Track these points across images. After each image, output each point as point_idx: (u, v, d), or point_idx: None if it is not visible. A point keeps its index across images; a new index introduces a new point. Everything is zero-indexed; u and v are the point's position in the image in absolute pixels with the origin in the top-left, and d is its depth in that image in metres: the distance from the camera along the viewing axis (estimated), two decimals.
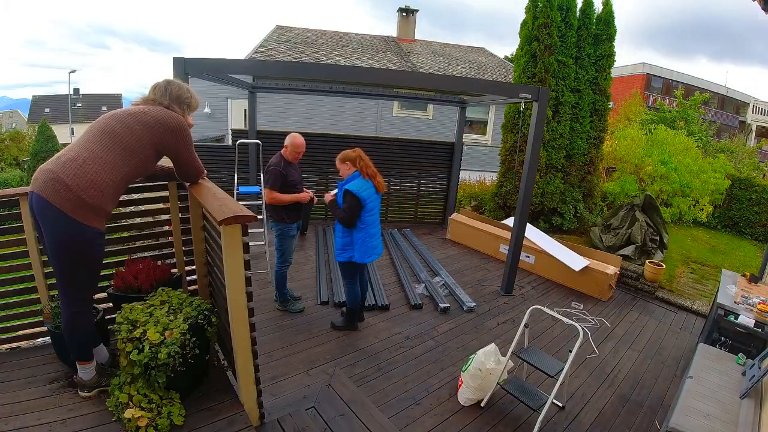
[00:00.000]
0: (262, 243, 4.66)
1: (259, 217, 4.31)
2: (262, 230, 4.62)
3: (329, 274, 4.68)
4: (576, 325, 2.55)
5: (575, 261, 4.91)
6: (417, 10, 15.78)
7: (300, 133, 5.47)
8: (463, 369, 2.82)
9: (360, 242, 3.22)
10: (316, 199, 3.86)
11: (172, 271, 2.79)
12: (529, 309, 2.86)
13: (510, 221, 5.86)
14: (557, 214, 6.85)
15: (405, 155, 7.06)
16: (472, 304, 4.15)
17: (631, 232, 5.94)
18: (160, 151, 2.10)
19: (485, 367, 2.64)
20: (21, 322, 2.56)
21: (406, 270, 4.96)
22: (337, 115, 11.83)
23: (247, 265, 1.93)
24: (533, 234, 5.44)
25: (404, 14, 15.81)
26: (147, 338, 1.94)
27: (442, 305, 4.05)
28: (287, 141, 3.59)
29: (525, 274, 5.25)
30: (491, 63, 14.58)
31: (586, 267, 4.82)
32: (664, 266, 5.14)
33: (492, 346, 2.78)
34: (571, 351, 2.46)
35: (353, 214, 3.12)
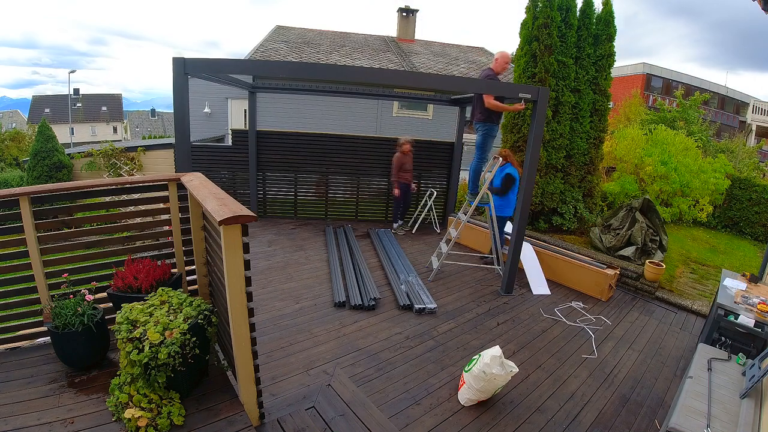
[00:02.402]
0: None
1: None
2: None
3: (343, 272, 4.71)
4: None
5: (538, 285, 4.90)
6: (417, 10, 15.77)
7: (300, 133, 5.47)
8: (466, 369, 2.81)
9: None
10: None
11: (172, 271, 2.79)
12: None
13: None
14: (557, 214, 6.85)
15: None
16: (432, 306, 4.06)
17: (631, 233, 5.94)
18: None
19: (490, 371, 2.63)
20: (21, 322, 2.56)
21: (390, 270, 4.92)
22: (337, 115, 11.84)
23: (247, 265, 1.93)
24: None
25: (404, 14, 15.81)
26: (147, 338, 1.94)
27: (417, 306, 4.02)
28: (497, 55, 4.87)
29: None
30: (491, 63, 14.58)
31: (586, 267, 4.82)
32: (664, 266, 5.13)
33: (497, 349, 2.75)
34: None
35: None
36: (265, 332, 3.40)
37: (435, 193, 6.93)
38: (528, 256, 5.16)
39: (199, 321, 2.16)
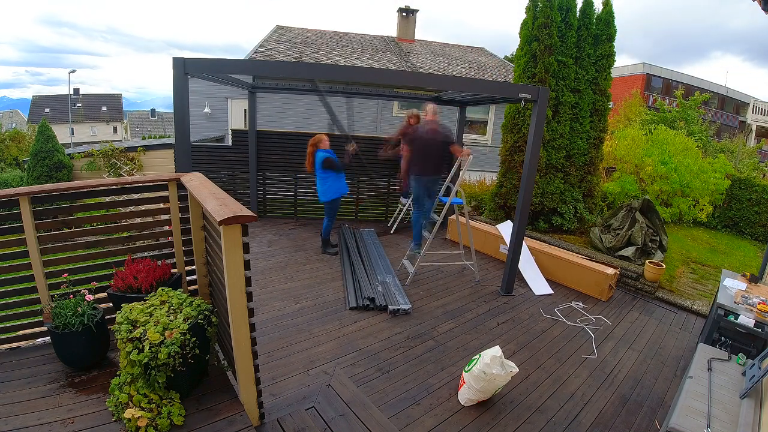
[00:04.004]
0: None
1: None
2: None
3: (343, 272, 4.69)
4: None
5: (539, 285, 4.89)
6: (417, 10, 15.77)
7: (300, 133, 5.41)
8: (467, 369, 2.81)
9: None
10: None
11: (172, 271, 2.79)
12: None
13: (501, 227, 5.85)
14: (557, 214, 6.85)
15: None
16: (407, 307, 4.00)
17: (631, 233, 5.94)
18: None
19: (490, 371, 2.63)
20: (21, 322, 2.56)
21: (369, 270, 4.84)
22: (337, 115, 11.82)
23: (247, 265, 1.93)
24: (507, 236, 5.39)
25: (404, 14, 15.80)
26: (147, 338, 1.94)
27: (391, 307, 3.95)
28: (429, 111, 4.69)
29: None
30: (491, 63, 14.58)
31: (586, 267, 4.82)
32: (665, 266, 5.13)
33: (497, 349, 2.76)
34: None
35: None
36: (265, 332, 3.40)
37: None
38: (522, 256, 5.16)
39: (199, 321, 2.16)
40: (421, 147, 4.64)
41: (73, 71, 30.38)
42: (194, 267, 2.81)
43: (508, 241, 5.22)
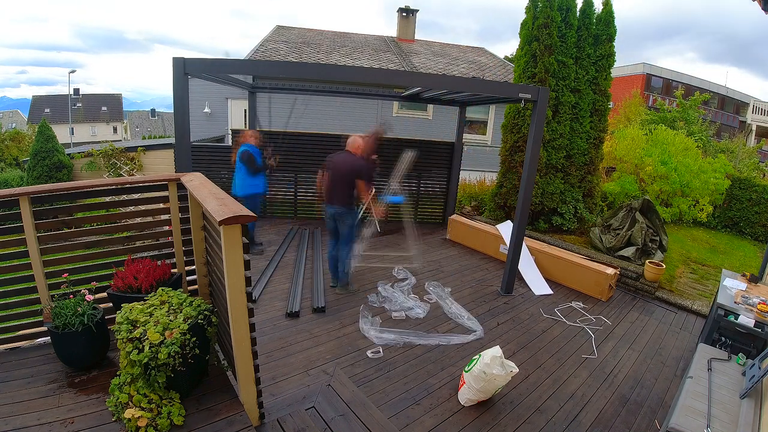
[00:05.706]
0: None
1: None
2: None
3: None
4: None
5: (539, 285, 4.89)
6: (417, 10, 15.77)
7: (300, 133, 5.40)
8: (466, 369, 2.81)
9: None
10: None
11: (172, 271, 2.79)
12: None
13: (501, 227, 5.84)
14: (557, 214, 6.85)
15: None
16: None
17: (631, 234, 5.94)
18: None
19: (490, 371, 2.62)
20: (21, 322, 2.56)
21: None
22: (337, 115, 11.83)
23: (247, 265, 1.93)
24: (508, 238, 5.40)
25: (404, 14, 15.80)
26: (147, 338, 1.94)
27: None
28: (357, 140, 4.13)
29: None
30: (491, 63, 14.58)
31: (586, 267, 4.82)
32: (664, 266, 5.13)
33: (497, 349, 2.75)
34: None
35: None
36: (265, 332, 3.40)
37: None
38: (522, 256, 5.16)
39: (199, 321, 2.16)
40: (329, 173, 4.13)
41: (73, 71, 30.39)
42: (194, 267, 2.80)
43: (508, 241, 5.21)
